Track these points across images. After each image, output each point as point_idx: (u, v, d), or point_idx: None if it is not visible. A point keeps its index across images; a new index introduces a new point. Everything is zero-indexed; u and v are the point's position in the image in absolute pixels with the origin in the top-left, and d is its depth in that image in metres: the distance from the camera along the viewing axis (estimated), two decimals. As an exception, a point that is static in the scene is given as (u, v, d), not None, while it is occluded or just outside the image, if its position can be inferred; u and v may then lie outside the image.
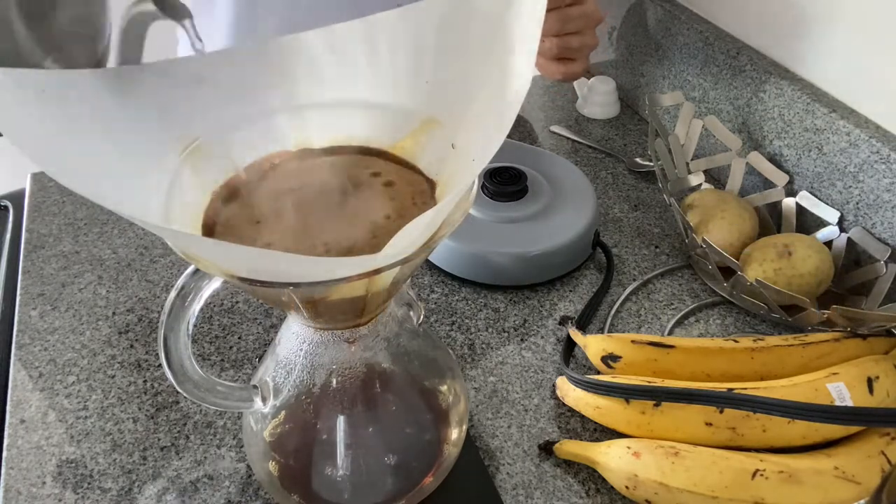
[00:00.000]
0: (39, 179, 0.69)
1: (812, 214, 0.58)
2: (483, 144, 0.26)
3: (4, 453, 0.45)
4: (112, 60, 0.43)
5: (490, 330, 0.54)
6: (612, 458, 0.42)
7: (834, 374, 0.44)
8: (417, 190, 0.30)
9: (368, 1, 0.32)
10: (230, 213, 0.28)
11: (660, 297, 0.57)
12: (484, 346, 0.53)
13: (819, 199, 0.58)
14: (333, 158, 0.31)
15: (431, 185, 0.30)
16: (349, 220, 0.28)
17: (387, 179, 0.30)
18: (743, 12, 0.64)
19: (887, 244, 0.53)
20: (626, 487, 0.41)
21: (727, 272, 0.55)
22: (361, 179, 0.30)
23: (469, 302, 0.56)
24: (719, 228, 0.56)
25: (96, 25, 0.45)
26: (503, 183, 0.59)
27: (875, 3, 0.52)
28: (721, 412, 0.42)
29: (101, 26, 0.46)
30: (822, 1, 0.56)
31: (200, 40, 0.39)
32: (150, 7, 0.23)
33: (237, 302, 0.56)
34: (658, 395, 0.43)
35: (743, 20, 0.64)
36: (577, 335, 0.51)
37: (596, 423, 0.47)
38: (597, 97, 0.78)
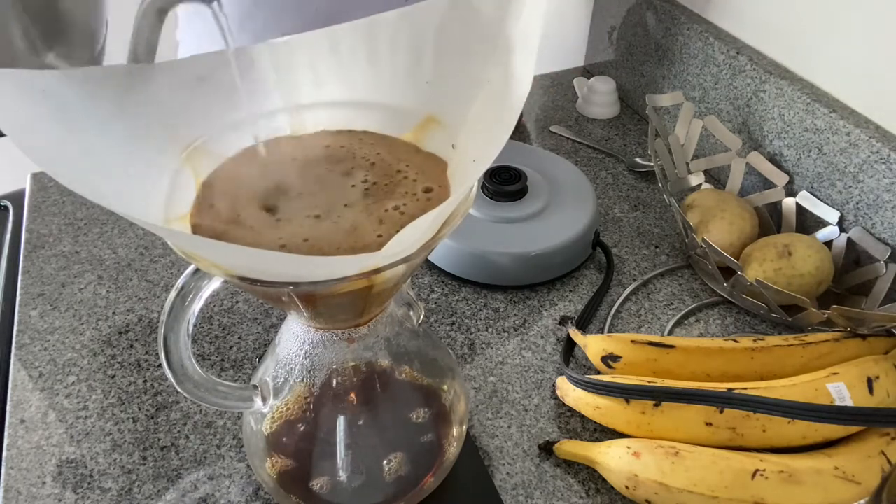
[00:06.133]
0: (39, 179, 0.69)
1: (812, 214, 0.58)
2: (484, 145, 0.26)
3: (4, 453, 0.45)
4: (127, 48, 0.43)
5: (490, 330, 0.54)
6: (612, 458, 0.42)
7: (834, 374, 0.44)
8: (425, 167, 0.30)
9: (376, 4, 0.31)
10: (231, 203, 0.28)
11: (660, 297, 0.57)
12: (484, 346, 0.53)
13: (819, 199, 0.58)
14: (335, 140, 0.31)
15: (442, 164, 0.30)
16: (348, 198, 0.28)
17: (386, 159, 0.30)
18: (743, 12, 0.64)
19: (887, 244, 0.53)
20: (626, 487, 0.41)
21: (727, 272, 0.55)
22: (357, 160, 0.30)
23: (469, 302, 0.56)
24: (719, 228, 0.56)
25: (95, 13, 0.45)
26: (503, 183, 0.59)
27: (875, 3, 0.52)
28: (721, 412, 0.42)
29: (99, 13, 0.45)
30: (822, 1, 0.56)
31: (226, 17, 0.38)
32: None
33: (237, 302, 0.56)
34: (658, 395, 0.43)
35: (743, 20, 0.64)
36: (577, 335, 0.51)
37: (596, 423, 0.47)
38: (597, 97, 0.78)
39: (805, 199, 0.58)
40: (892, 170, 0.51)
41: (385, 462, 0.38)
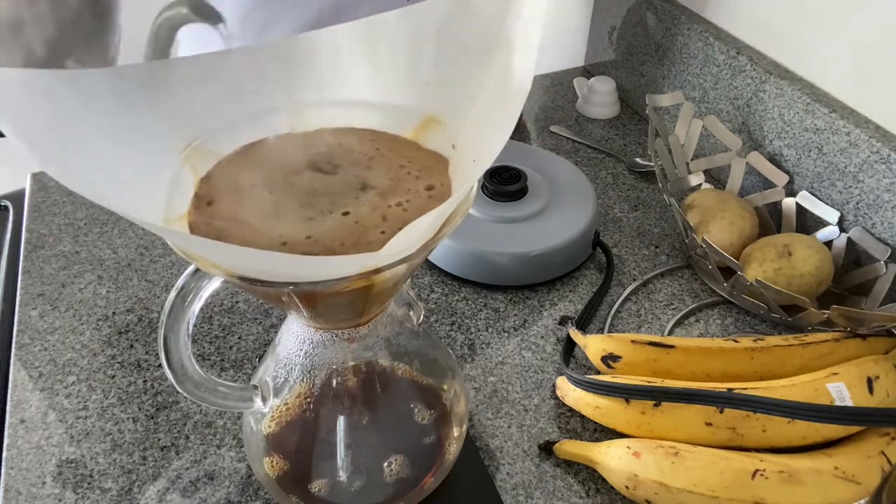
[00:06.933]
0: (39, 179, 0.69)
1: (812, 214, 0.58)
2: (484, 146, 0.26)
3: (4, 453, 0.45)
4: (139, 55, 0.43)
5: (490, 330, 0.54)
6: (612, 458, 0.42)
7: (834, 374, 0.44)
8: (423, 163, 0.30)
9: (377, 4, 0.31)
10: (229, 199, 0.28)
11: (660, 297, 0.57)
12: (484, 346, 0.53)
13: (819, 199, 0.58)
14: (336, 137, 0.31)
15: (444, 162, 0.30)
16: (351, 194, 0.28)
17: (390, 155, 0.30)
18: (743, 12, 0.64)
19: (887, 244, 0.53)
20: (626, 487, 0.41)
21: (727, 272, 0.55)
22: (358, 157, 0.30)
23: (469, 302, 0.56)
24: (719, 228, 0.56)
25: (109, 18, 0.45)
26: (503, 183, 0.59)
27: (875, 3, 0.52)
28: (721, 412, 0.42)
29: (113, 18, 0.45)
30: (822, 1, 0.56)
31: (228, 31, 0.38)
32: (184, 10, 0.23)
33: (237, 302, 0.56)
34: (658, 395, 0.43)
35: (743, 20, 0.64)
36: (577, 335, 0.51)
37: (596, 423, 0.47)
38: (597, 97, 0.78)
39: (805, 199, 0.58)
40: (892, 170, 0.51)
41: (385, 462, 0.38)
